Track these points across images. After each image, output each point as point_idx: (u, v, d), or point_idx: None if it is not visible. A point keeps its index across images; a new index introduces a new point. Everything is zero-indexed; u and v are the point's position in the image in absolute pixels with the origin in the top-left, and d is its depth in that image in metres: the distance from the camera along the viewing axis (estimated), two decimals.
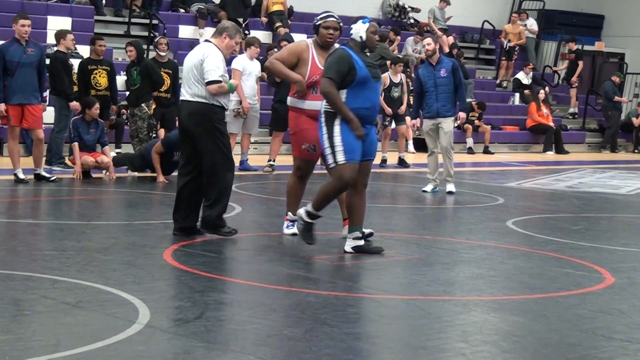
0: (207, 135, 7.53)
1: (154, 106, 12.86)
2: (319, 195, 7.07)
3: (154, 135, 12.79)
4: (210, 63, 7.53)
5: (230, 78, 7.84)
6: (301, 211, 7.13)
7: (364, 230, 7.26)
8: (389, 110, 14.90)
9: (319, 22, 7.62)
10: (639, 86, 24.01)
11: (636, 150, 21.76)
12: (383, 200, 11.04)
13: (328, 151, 6.93)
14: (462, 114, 11.73)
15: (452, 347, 4.88)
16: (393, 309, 5.68)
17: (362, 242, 7.15)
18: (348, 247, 7.16)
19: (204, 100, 7.56)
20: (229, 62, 10.42)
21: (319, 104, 7.23)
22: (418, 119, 11.86)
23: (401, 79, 15.05)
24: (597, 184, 13.88)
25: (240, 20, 18.26)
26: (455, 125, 13.06)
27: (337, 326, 5.12)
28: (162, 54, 13.36)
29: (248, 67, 12.91)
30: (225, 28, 7.75)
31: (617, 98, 21.41)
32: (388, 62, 15.67)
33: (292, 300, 5.70)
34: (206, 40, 7.92)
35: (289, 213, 7.78)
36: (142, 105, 12.60)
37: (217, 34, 7.77)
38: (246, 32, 17.88)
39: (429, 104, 11.34)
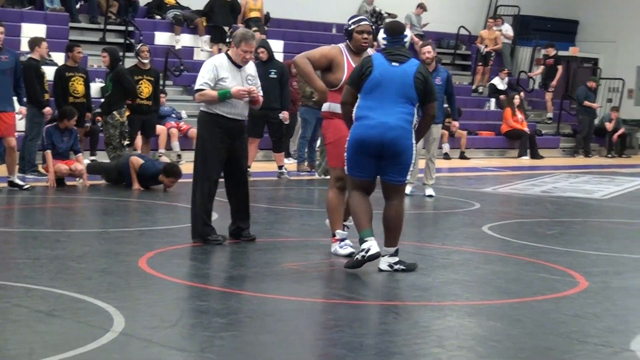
0: (197, 141, 7.87)
1: (127, 113, 12.80)
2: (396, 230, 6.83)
3: (127, 142, 12.74)
4: (200, 72, 7.80)
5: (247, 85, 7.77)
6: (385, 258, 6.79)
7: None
8: None
9: (352, 27, 7.33)
10: (612, 91, 24.20)
11: (609, 155, 21.92)
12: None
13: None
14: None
15: (429, 352, 4.88)
16: (369, 314, 5.68)
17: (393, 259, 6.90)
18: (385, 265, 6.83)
19: (201, 108, 7.85)
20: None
21: None
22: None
23: None
24: (571, 189, 13.97)
25: (226, 27, 18.23)
26: (441, 133, 13.26)
27: (313, 332, 5.11)
28: (145, 61, 13.30)
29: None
30: (233, 37, 7.91)
31: (586, 103, 21.54)
32: None
33: (268, 307, 5.69)
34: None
35: (338, 232, 7.26)
36: (114, 112, 12.55)
37: (230, 42, 7.98)
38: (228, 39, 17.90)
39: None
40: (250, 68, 7.88)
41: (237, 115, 7.77)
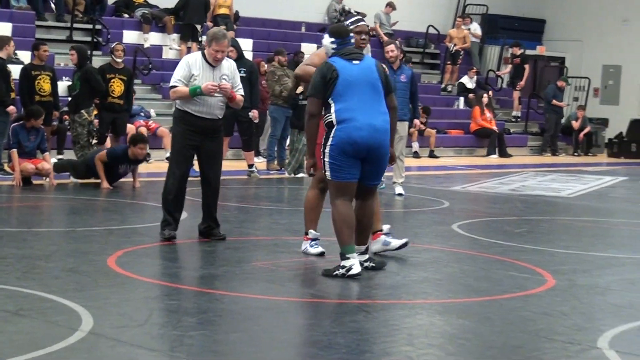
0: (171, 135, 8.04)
1: (95, 112, 12.71)
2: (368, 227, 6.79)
3: (94, 141, 12.66)
4: (174, 72, 7.83)
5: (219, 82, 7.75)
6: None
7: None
8: None
9: (351, 27, 7.15)
10: (579, 90, 24.41)
11: (576, 153, 22.11)
12: (327, 204, 11.03)
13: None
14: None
15: (398, 350, 4.89)
16: (339, 313, 5.68)
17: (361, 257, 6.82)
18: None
19: (176, 105, 7.97)
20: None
21: None
22: None
23: None
24: (539, 187, 14.07)
25: (199, 26, 18.15)
26: (410, 132, 13.33)
27: (283, 331, 5.11)
28: (118, 60, 13.19)
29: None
30: (205, 36, 7.93)
31: (554, 102, 21.71)
32: None
33: (238, 306, 5.67)
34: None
35: (310, 231, 7.24)
36: (82, 111, 12.46)
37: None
38: (201, 38, 17.86)
39: None
40: (227, 68, 7.82)
41: (208, 114, 7.75)
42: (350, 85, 6.61)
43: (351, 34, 6.93)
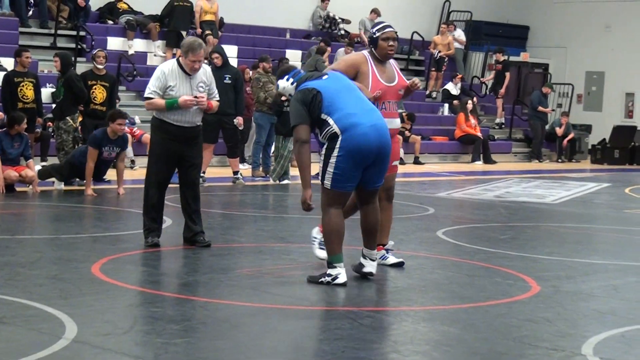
0: (149, 145, 7.98)
1: (80, 119, 12.68)
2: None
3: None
4: (149, 82, 7.82)
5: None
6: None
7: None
8: None
9: (377, 35, 7.02)
10: (562, 96, 24.52)
11: (559, 160, 22.19)
12: (315, 211, 11.03)
13: None
14: None
15: (384, 357, 4.89)
16: (324, 320, 5.68)
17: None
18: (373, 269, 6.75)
19: (153, 113, 7.92)
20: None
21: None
22: None
23: None
24: (523, 194, 14.11)
25: (184, 32, 18.13)
26: (405, 139, 13.27)
27: (267, 338, 5.10)
28: (100, 66, 13.15)
29: None
30: (181, 46, 7.84)
31: (540, 108, 21.80)
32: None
33: (223, 313, 5.66)
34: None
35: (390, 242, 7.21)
36: (67, 118, 12.42)
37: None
38: None
39: None
40: (203, 74, 7.83)
41: (186, 122, 7.75)
42: (336, 95, 6.52)
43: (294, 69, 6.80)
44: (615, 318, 5.94)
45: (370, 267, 6.73)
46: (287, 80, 6.73)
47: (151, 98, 7.69)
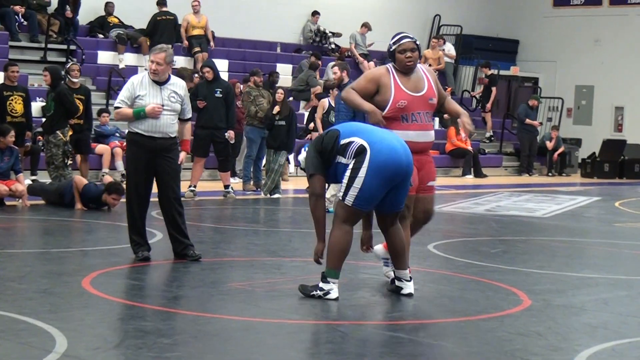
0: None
1: (70, 133, 12.66)
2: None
3: (70, 161, 12.61)
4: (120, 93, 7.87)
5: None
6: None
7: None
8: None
9: (394, 47, 6.85)
10: (552, 110, 24.60)
11: (550, 174, 22.24)
12: (306, 225, 11.04)
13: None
14: None
15: None
16: (315, 333, 5.67)
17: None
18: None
19: (127, 127, 7.91)
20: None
21: (412, 134, 6.70)
22: None
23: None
24: (514, 207, 14.14)
25: (170, 45, 18.16)
26: None
27: (258, 353, 5.09)
28: (75, 80, 13.17)
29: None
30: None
31: (528, 121, 21.86)
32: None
33: (213, 327, 5.65)
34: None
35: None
36: (57, 132, 12.41)
37: None
38: None
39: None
40: (179, 87, 7.80)
41: (157, 133, 7.69)
42: (354, 126, 6.56)
43: None
44: (606, 332, 5.95)
45: (407, 288, 6.68)
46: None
47: (119, 107, 7.72)
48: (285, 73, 19.77)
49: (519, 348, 5.41)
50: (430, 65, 22.43)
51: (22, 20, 17.61)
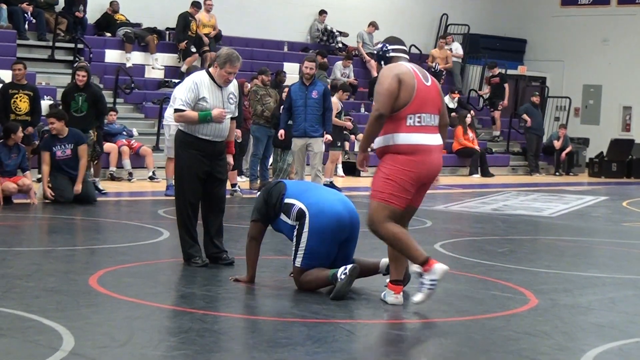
0: (175, 162, 7.70)
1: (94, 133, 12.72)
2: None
3: (96, 162, 12.80)
4: (177, 92, 7.69)
5: (226, 107, 7.55)
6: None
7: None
8: (349, 124, 16.12)
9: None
10: (560, 109, 24.55)
11: (557, 173, 22.20)
12: None
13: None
14: (328, 136, 12.67)
15: None
16: (322, 332, 5.66)
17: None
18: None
19: (179, 127, 7.65)
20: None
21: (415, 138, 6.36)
22: (283, 130, 12.65)
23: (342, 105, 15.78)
24: (521, 207, 14.12)
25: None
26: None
27: (266, 351, 5.09)
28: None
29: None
30: (216, 57, 7.58)
31: (524, 116, 21.78)
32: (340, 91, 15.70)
33: (220, 326, 5.65)
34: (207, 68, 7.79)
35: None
36: (90, 131, 12.44)
37: (213, 62, 7.66)
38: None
39: (297, 122, 12.30)
40: (233, 87, 7.63)
41: (216, 137, 7.53)
42: (301, 185, 7.01)
43: None
44: (613, 331, 5.94)
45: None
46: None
47: (183, 110, 7.41)
48: (292, 72, 19.76)
49: (525, 347, 5.40)
50: (437, 64, 22.40)
51: (31, 18, 17.64)
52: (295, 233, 6.65)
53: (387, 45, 6.58)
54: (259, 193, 6.94)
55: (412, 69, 6.39)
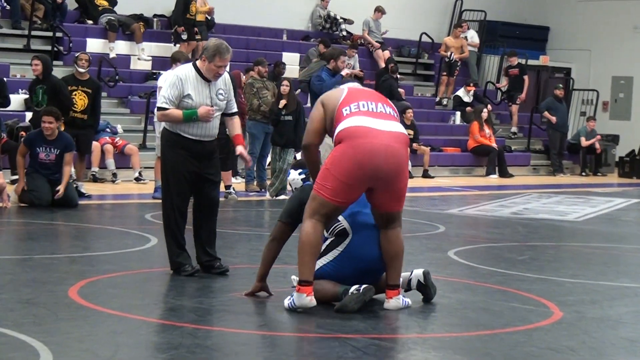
0: (161, 163, 7.73)
1: (62, 128, 12.68)
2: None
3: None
4: (162, 89, 7.61)
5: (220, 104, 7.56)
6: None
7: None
8: None
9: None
10: (586, 103, 24.55)
11: (583, 173, 22.14)
12: None
13: None
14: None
15: None
16: (325, 348, 5.67)
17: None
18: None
19: (164, 125, 7.65)
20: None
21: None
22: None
23: None
24: (543, 210, 14.13)
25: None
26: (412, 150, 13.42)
27: None
28: (82, 70, 13.07)
29: None
30: (204, 50, 7.53)
31: (545, 114, 21.76)
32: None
33: (213, 341, 5.66)
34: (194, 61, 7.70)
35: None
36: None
37: (200, 55, 7.61)
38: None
39: None
40: (222, 81, 7.57)
41: (205, 136, 7.53)
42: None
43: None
44: None
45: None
46: (300, 174, 6.97)
47: (166, 108, 7.41)
48: (292, 63, 19.78)
49: None
50: (452, 53, 22.40)
51: (4, 4, 17.66)
52: (326, 243, 6.65)
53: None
54: (293, 192, 6.91)
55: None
